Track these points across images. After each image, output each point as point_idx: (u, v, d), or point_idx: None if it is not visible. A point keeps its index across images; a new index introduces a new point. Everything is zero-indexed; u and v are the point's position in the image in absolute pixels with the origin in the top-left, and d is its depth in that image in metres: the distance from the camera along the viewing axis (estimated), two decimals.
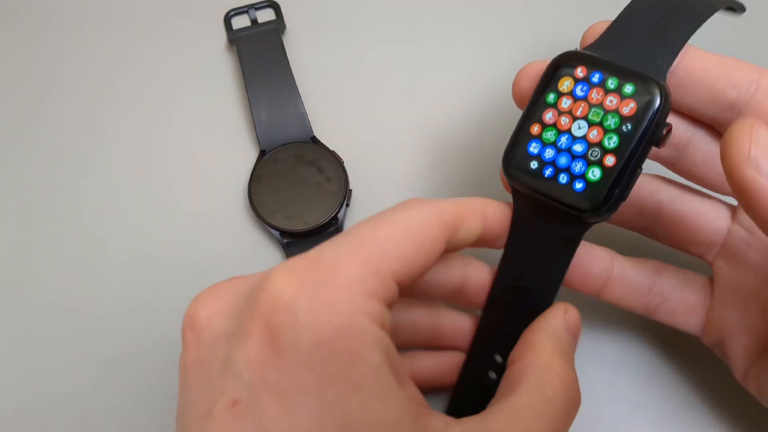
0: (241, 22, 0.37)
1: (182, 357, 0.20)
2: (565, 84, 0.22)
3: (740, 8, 0.24)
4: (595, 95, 0.21)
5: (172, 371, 0.29)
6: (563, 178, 0.21)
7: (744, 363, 0.24)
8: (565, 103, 0.22)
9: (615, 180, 0.21)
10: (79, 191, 0.34)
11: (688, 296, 0.25)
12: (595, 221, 0.22)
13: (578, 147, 0.21)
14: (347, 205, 0.32)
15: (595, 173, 0.21)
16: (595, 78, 0.21)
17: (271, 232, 0.31)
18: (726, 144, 0.19)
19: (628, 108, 0.21)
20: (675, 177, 0.25)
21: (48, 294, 0.31)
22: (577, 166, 0.21)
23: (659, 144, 0.21)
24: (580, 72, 0.22)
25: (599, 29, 0.23)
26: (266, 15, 0.37)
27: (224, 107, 0.36)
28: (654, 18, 0.22)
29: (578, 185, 0.21)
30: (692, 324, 0.25)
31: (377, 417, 0.18)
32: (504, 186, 0.24)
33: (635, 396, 0.28)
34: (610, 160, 0.21)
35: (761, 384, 0.23)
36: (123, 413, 0.29)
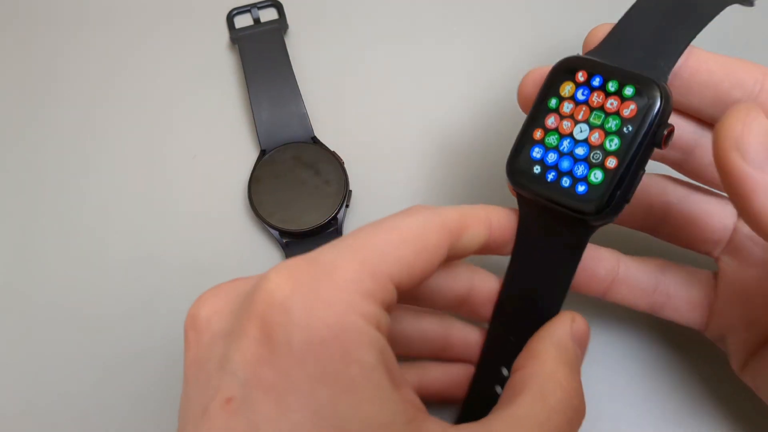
0: (244, 22, 0.37)
1: (184, 356, 0.20)
2: (567, 88, 0.22)
3: (749, 1, 0.23)
4: (596, 98, 0.21)
5: (172, 371, 0.29)
6: (566, 182, 0.21)
7: (744, 355, 0.24)
8: (567, 108, 0.22)
9: (617, 182, 0.21)
10: (79, 191, 0.34)
11: (693, 293, 0.25)
12: (600, 224, 0.22)
13: (580, 150, 0.21)
14: (347, 206, 0.32)
15: (597, 175, 0.21)
16: (596, 81, 0.21)
17: (271, 232, 0.31)
18: (716, 128, 0.18)
19: (629, 110, 0.21)
20: (682, 176, 0.25)
21: (48, 294, 0.31)
22: (579, 169, 0.21)
23: (661, 145, 0.21)
24: (581, 76, 0.22)
25: (601, 33, 0.23)
26: (269, 14, 0.37)
27: (225, 107, 0.35)
28: (656, 21, 0.22)
29: (580, 188, 0.21)
30: (696, 320, 0.25)
31: (369, 418, 0.18)
32: (510, 191, 0.24)
33: (635, 396, 0.28)
34: (612, 162, 0.21)
35: (758, 375, 0.24)
36: (123, 413, 0.29)
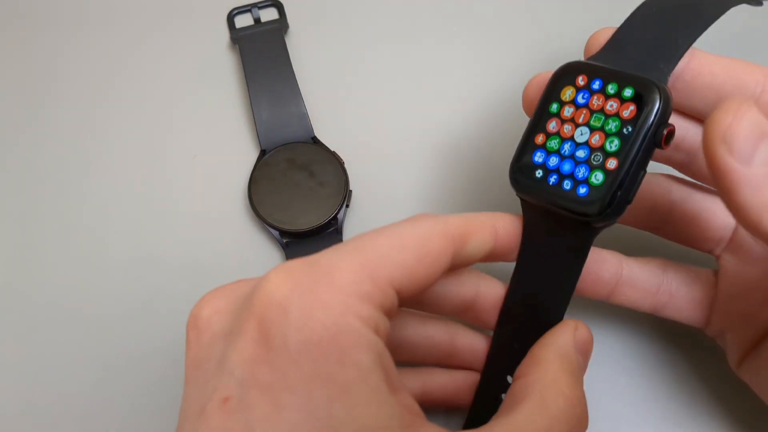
0: (244, 21, 0.37)
1: (185, 356, 0.20)
2: (567, 93, 0.22)
3: (757, 1, 0.23)
4: (596, 101, 0.21)
5: (172, 371, 0.29)
6: (567, 185, 0.21)
7: (741, 351, 0.24)
8: (568, 112, 0.22)
9: (618, 183, 0.21)
10: (79, 191, 0.34)
11: (695, 291, 0.25)
12: (602, 225, 0.22)
13: (581, 153, 0.21)
14: (347, 206, 0.32)
15: (598, 177, 0.21)
16: (596, 85, 0.22)
17: (271, 232, 0.31)
18: (707, 121, 0.18)
19: (628, 111, 0.21)
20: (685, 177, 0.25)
21: (48, 294, 0.31)
22: (581, 172, 0.21)
23: (661, 145, 0.21)
24: (581, 80, 0.22)
25: (602, 37, 0.23)
26: (269, 14, 0.37)
27: (225, 107, 0.35)
28: (657, 25, 0.22)
29: (582, 190, 0.21)
30: (697, 318, 0.25)
31: (363, 421, 0.18)
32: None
33: (635, 396, 0.28)
34: (612, 163, 0.21)
35: (754, 371, 0.24)
36: (123, 413, 0.29)
